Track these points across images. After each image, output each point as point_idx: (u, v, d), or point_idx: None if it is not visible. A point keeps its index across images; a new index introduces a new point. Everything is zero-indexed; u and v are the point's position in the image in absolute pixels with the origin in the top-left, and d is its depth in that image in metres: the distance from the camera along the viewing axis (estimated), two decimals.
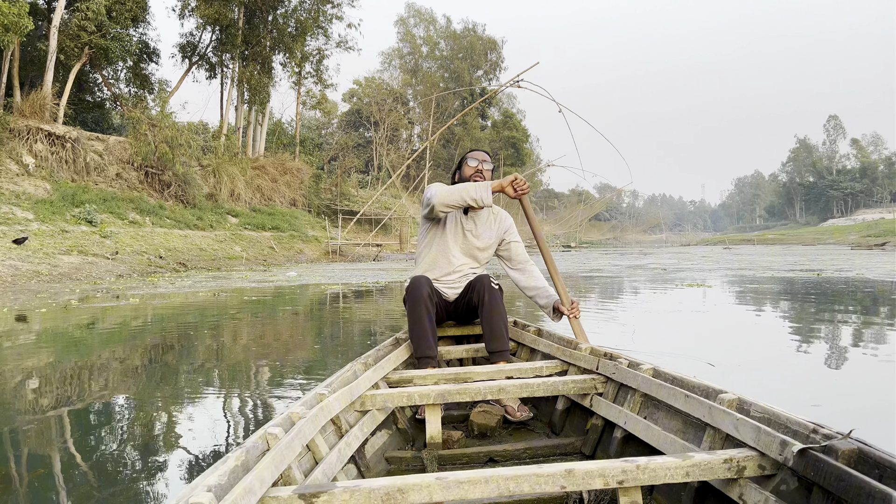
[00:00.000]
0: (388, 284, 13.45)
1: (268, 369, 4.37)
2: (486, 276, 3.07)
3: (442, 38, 67.69)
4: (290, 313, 8.04)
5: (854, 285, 10.64)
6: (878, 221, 73.08)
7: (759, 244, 63.49)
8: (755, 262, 21.40)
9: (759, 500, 1.48)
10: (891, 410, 3.07)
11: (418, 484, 1.46)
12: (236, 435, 2.89)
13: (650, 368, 2.19)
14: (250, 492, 1.35)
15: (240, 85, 33.85)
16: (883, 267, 15.98)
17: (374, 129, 56.31)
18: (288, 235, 29.44)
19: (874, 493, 1.19)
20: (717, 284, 11.70)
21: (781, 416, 1.57)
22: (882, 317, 6.53)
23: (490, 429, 2.62)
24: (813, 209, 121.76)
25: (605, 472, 1.52)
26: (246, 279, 15.02)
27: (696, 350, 4.78)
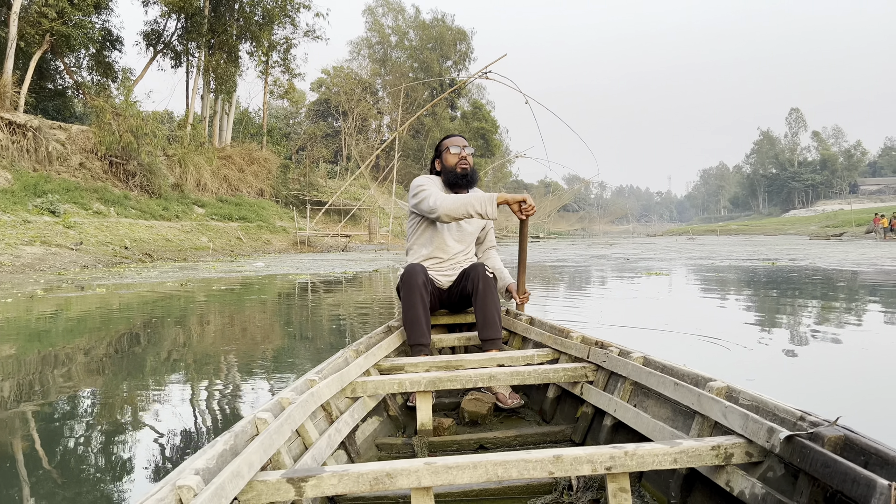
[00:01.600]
0: (356, 274, 13.58)
1: (240, 358, 4.51)
2: (481, 265, 3.09)
3: (411, 28, 67.47)
4: (259, 303, 8.16)
5: (804, 273, 11.08)
6: (837, 212, 74.93)
7: (723, 234, 64.77)
8: (716, 251, 21.95)
9: (745, 486, 1.50)
10: (802, 376, 3.34)
11: (407, 469, 1.46)
12: (205, 422, 3.03)
13: (640, 357, 2.21)
14: (238, 475, 1.35)
15: (206, 74, 33.50)
16: (835, 256, 16.57)
17: (343, 118, 56.04)
18: (255, 226, 29.33)
19: (859, 480, 1.20)
20: (675, 273, 12.07)
21: (769, 404, 1.59)
22: (818, 299, 6.89)
23: (481, 416, 2.64)
24: (775, 200, 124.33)
25: (593, 458, 1.53)
26: (213, 269, 15.02)
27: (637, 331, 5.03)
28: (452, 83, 59.79)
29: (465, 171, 3.22)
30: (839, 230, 47.59)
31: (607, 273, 12.65)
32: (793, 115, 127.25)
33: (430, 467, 1.47)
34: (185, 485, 1.21)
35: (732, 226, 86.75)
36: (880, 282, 9.39)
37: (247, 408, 3.13)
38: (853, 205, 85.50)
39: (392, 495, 1.87)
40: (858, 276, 10.45)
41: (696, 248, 26.70)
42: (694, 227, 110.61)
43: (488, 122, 69.02)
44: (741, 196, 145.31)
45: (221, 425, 2.88)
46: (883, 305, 6.57)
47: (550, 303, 7.35)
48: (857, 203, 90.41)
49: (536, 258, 19.36)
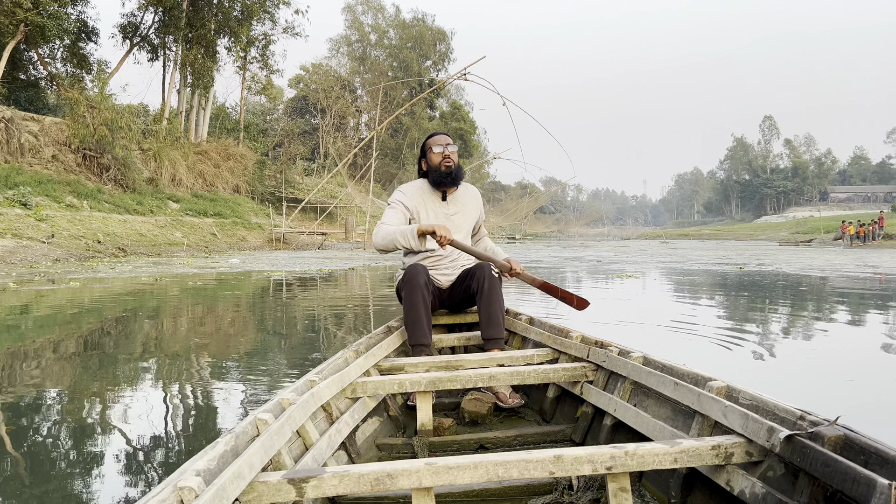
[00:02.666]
0: (332, 272, 13.64)
1: (221, 355, 4.57)
2: (487, 265, 3.07)
3: (391, 27, 67.41)
4: (235, 299, 8.21)
5: (769, 278, 11.38)
6: (808, 219, 76.28)
7: (695, 239, 65.73)
8: (687, 255, 22.33)
9: (745, 486, 1.50)
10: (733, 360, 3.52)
11: (408, 469, 1.46)
12: (182, 421, 3.11)
13: (640, 356, 2.21)
14: (239, 476, 1.35)
15: (183, 68, 33.24)
16: (801, 262, 16.98)
17: (321, 116, 55.85)
18: (230, 222, 29.18)
19: (859, 479, 1.20)
20: (644, 275, 12.32)
21: (769, 404, 1.59)
22: (778, 302, 7.13)
23: (481, 416, 2.64)
24: (748, 206, 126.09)
25: (593, 458, 1.53)
26: (187, 265, 14.98)
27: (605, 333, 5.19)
28: (432, 83, 59.89)
29: (450, 168, 3.21)
30: (808, 237, 48.58)
31: (581, 275, 12.86)
32: (766, 122, 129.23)
33: (430, 468, 1.47)
34: (187, 486, 1.21)
35: (705, 230, 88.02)
36: (838, 286, 9.70)
37: (224, 405, 3.22)
38: (822, 212, 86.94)
39: (393, 496, 1.87)
40: (820, 280, 10.77)
41: (669, 251, 27.11)
42: (668, 231, 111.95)
43: (467, 123, 69.22)
44: (714, 201, 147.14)
45: (195, 423, 2.96)
46: (836, 307, 6.83)
47: (525, 300, 7.51)
48: (826, 210, 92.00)
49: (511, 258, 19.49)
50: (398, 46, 66.45)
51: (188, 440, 2.59)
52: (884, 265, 15.85)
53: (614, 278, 11.54)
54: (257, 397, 3.24)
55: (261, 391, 3.37)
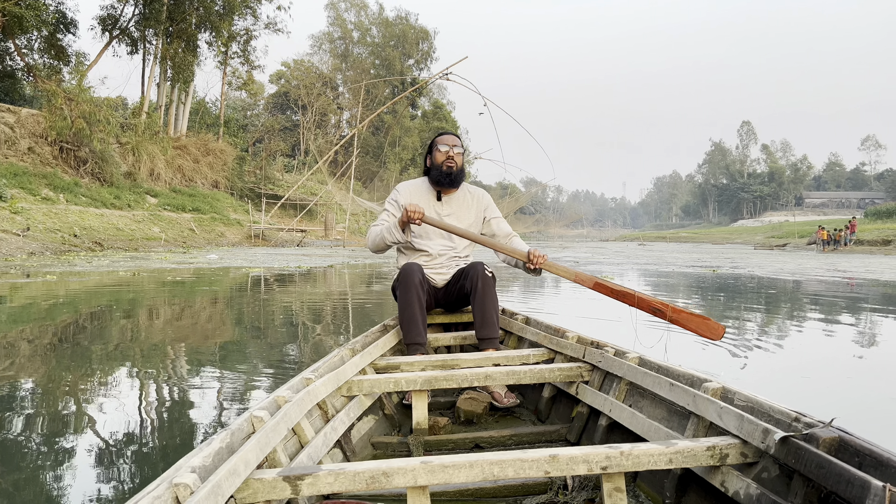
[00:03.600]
0: (310, 269, 13.68)
1: (198, 354, 4.64)
2: (480, 264, 3.04)
3: (374, 25, 67.36)
4: (214, 295, 8.24)
5: (740, 281, 11.63)
6: (783, 223, 77.51)
7: (673, 241, 66.47)
8: (663, 258, 22.64)
9: (740, 487, 1.50)
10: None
11: (403, 467, 1.46)
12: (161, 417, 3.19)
13: (636, 357, 2.21)
14: (234, 473, 1.35)
15: (163, 62, 33.00)
16: (773, 266, 17.31)
17: (302, 112, 55.71)
18: (209, 218, 29.03)
19: (853, 481, 1.20)
20: (619, 276, 12.51)
21: (764, 405, 1.59)
22: (747, 303, 7.33)
23: (476, 415, 2.63)
24: (725, 210, 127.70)
25: (588, 458, 1.53)
26: (165, 260, 14.93)
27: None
28: (414, 82, 59.93)
29: (451, 169, 3.14)
30: (783, 241, 49.31)
31: (557, 277, 13.01)
32: (744, 127, 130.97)
33: (426, 466, 1.47)
34: (182, 482, 1.21)
35: (683, 233, 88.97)
36: (805, 290, 9.95)
37: (200, 403, 3.29)
38: (797, 217, 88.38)
39: (388, 494, 1.87)
40: (789, 284, 11.03)
41: (646, 253, 27.47)
42: (646, 233, 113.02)
43: (448, 123, 69.32)
44: (692, 205, 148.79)
45: (172, 420, 3.03)
46: (802, 309, 7.04)
47: (506, 297, 7.63)
48: (801, 215, 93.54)
49: (490, 259, 19.65)
50: (381, 44, 66.41)
51: (172, 438, 2.65)
52: (852, 269, 16.22)
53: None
54: (235, 394, 3.32)
55: (240, 388, 3.45)
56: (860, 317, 6.71)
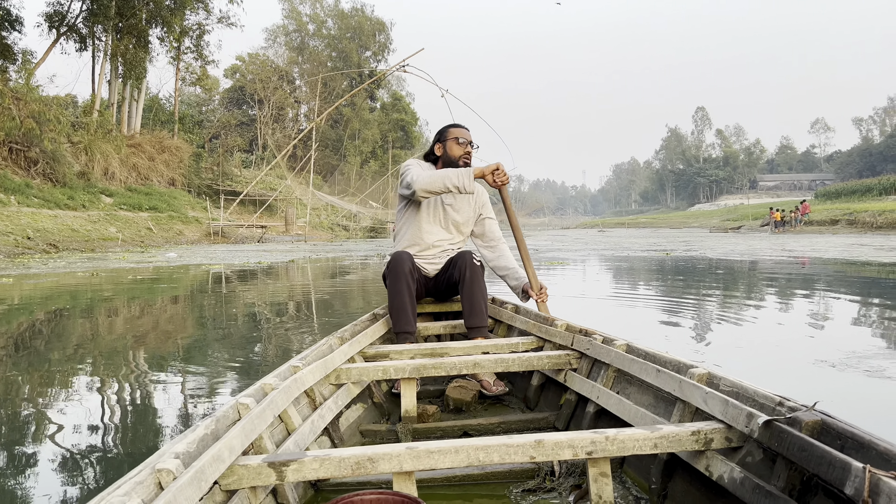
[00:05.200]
0: (272, 265, 13.70)
1: (158, 351, 4.73)
2: (469, 252, 3.05)
3: (329, 17, 66.80)
4: (177, 292, 8.27)
5: (690, 262, 12.05)
6: (738, 207, 79.23)
7: (632, 227, 67.63)
8: (620, 243, 23.13)
9: (724, 471, 1.51)
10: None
11: (388, 453, 1.47)
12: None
13: (623, 344, 2.22)
14: (219, 459, 1.34)
15: (113, 59, 32.34)
16: (725, 248, 17.88)
17: (259, 107, 55.08)
18: (167, 216, 28.66)
19: (835, 463, 1.21)
20: (575, 262, 12.84)
21: (749, 390, 1.60)
22: (690, 281, 7.66)
23: (465, 403, 2.64)
24: (682, 195, 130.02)
25: (574, 443, 1.54)
26: (124, 260, 14.79)
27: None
28: (372, 74, 59.68)
29: (468, 164, 3.15)
30: (738, 223, 50.59)
31: None
32: (699, 113, 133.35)
33: (411, 452, 1.47)
34: (165, 468, 1.20)
35: (642, 219, 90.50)
36: (751, 269, 10.37)
37: (164, 398, 3.41)
38: (752, 200, 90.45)
39: (375, 480, 1.87)
40: (736, 264, 11.47)
41: (604, 239, 27.99)
42: (605, 220, 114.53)
43: (408, 114, 69.24)
44: (651, 190, 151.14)
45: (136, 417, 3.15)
46: (744, 286, 7.39)
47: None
48: (755, 198, 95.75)
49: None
50: (337, 37, 65.92)
51: (136, 439, 2.76)
52: (799, 249, 16.84)
53: (547, 265, 12.01)
54: (201, 391, 3.44)
55: (207, 383, 3.57)
56: (799, 291, 7.08)
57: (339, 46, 65.40)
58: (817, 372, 3.29)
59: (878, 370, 3.27)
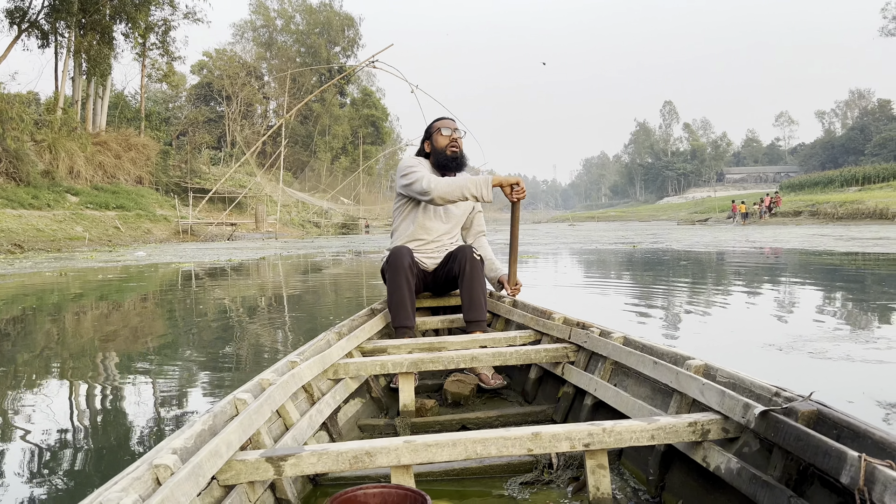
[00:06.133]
0: (242, 262, 13.70)
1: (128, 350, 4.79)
2: (469, 247, 3.04)
3: (297, 12, 66.29)
4: (151, 289, 8.28)
5: (656, 254, 12.33)
6: (705, 199, 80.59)
7: (602, 221, 68.35)
8: (589, 236, 23.46)
9: (721, 461, 1.51)
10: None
11: (386, 447, 1.46)
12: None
13: (620, 336, 2.23)
14: (216, 454, 1.34)
15: (77, 55, 31.78)
16: (691, 239, 18.27)
17: (227, 103, 54.48)
18: (134, 215, 28.32)
19: (831, 452, 1.22)
20: (546, 255, 13.06)
21: (746, 381, 1.61)
22: (653, 271, 7.90)
23: (464, 397, 2.64)
24: (651, 188, 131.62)
25: (571, 435, 1.54)
26: (92, 259, 14.66)
27: None
28: (341, 70, 59.41)
29: (456, 153, 3.16)
30: (705, 216, 51.49)
31: None
32: (666, 107, 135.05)
33: (409, 445, 1.47)
34: (163, 464, 1.20)
35: (611, 212, 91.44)
36: (712, 260, 10.67)
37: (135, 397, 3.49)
38: (718, 192, 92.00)
39: (373, 474, 1.86)
40: (700, 255, 11.77)
41: (574, 233, 28.33)
42: (576, 214, 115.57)
43: (378, 110, 69.06)
44: (620, 184, 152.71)
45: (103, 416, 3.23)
46: (704, 275, 7.64)
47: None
48: (722, 191, 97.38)
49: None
50: (305, 32, 65.47)
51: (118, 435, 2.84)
52: (762, 240, 17.28)
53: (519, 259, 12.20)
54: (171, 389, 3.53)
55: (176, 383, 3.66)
56: (755, 279, 7.34)
57: (308, 42, 64.97)
58: (764, 355, 3.49)
59: (821, 352, 3.49)
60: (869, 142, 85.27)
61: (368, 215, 55.81)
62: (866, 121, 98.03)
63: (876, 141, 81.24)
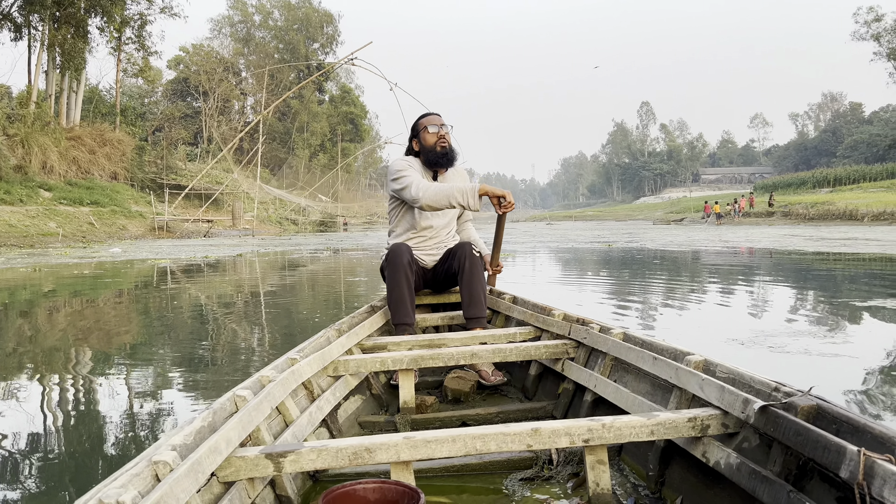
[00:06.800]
0: (219, 260, 13.66)
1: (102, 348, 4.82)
2: (468, 244, 3.04)
3: (276, 8, 65.89)
4: (128, 285, 8.26)
5: (630, 253, 12.52)
6: (681, 199, 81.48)
7: (579, 220, 68.86)
8: (566, 235, 23.67)
9: (721, 457, 1.51)
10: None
11: (386, 443, 1.47)
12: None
13: (620, 333, 2.23)
14: (216, 451, 1.34)
15: (51, 49, 31.33)
16: (665, 239, 18.53)
17: (204, 99, 53.97)
18: (109, 211, 28.02)
19: (830, 447, 1.22)
20: (524, 254, 13.18)
21: (745, 376, 1.61)
22: (626, 269, 8.06)
23: (464, 394, 2.63)
24: (628, 188, 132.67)
25: (571, 430, 1.54)
26: (66, 255, 14.52)
27: None
28: (320, 66, 59.18)
29: (444, 149, 3.13)
30: (680, 216, 52.10)
31: None
32: (644, 108, 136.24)
33: (409, 441, 1.47)
34: (162, 460, 1.20)
35: (589, 212, 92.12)
36: (684, 259, 10.88)
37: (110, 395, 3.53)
38: (694, 193, 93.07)
39: (373, 471, 1.85)
40: (673, 254, 11.98)
41: (551, 232, 28.55)
42: (554, 213, 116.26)
43: (357, 107, 68.92)
44: (598, 184, 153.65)
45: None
46: (664, 273, 7.81)
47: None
48: (698, 191, 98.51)
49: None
50: (284, 28, 65.11)
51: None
52: (735, 239, 17.59)
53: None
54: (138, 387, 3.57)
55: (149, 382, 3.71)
56: (724, 277, 7.52)
57: (287, 38, 64.64)
58: (727, 349, 3.63)
59: (780, 346, 3.63)
60: (841, 144, 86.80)
61: (347, 213, 55.68)
62: (838, 123, 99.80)
63: (847, 143, 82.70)
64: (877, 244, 13.53)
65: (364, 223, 54.74)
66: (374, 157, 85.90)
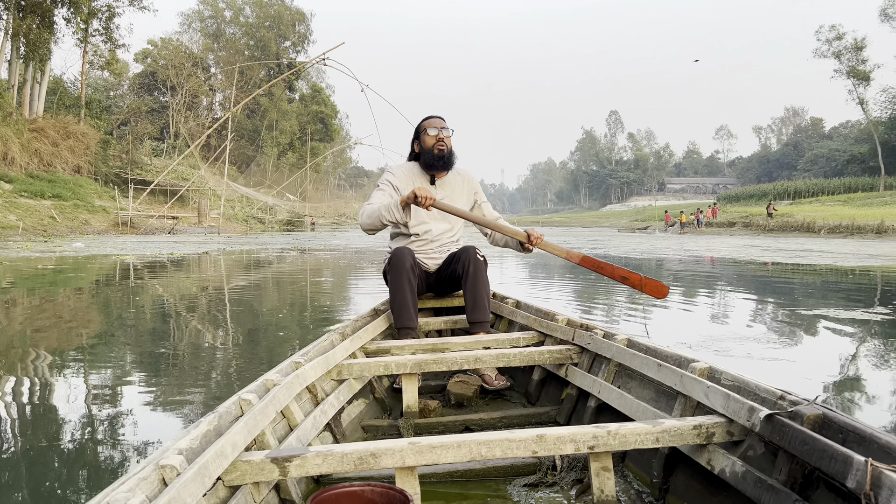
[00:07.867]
0: (184, 256, 13.59)
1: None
2: (472, 248, 3.03)
3: (247, 4, 65.32)
4: (88, 281, 8.22)
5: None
6: (647, 207, 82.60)
7: (546, 226, 69.33)
8: None
9: (726, 465, 1.50)
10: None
11: (391, 448, 1.46)
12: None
13: (624, 339, 2.22)
14: (222, 455, 1.34)
15: (15, 38, 30.72)
16: (628, 246, 18.90)
17: (171, 94, 53.30)
18: (72, 205, 27.56)
19: (837, 456, 1.21)
20: (490, 258, 13.36)
21: (751, 384, 1.60)
22: (575, 275, 8.28)
23: (467, 398, 2.64)
24: (595, 195, 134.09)
25: (576, 437, 1.54)
26: (27, 249, 14.30)
27: None
28: (291, 65, 58.83)
29: (442, 152, 3.12)
30: (645, 224, 52.92)
31: None
32: (612, 116, 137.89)
33: (414, 447, 1.47)
34: (169, 464, 1.20)
35: (556, 218, 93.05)
36: (641, 266, 11.16)
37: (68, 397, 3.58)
38: (659, 201, 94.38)
39: (378, 475, 1.84)
40: (634, 261, 12.28)
41: None
42: (522, 218, 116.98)
43: (328, 107, 68.62)
44: (566, 190, 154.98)
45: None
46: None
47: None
48: (663, 200, 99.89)
49: (364, 245, 20.02)
50: (255, 25, 64.58)
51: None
52: (696, 248, 18.02)
53: None
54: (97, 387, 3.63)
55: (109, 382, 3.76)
56: (680, 284, 7.78)
57: (258, 35, 64.13)
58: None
59: (725, 350, 3.84)
60: (801, 157, 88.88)
61: (315, 213, 55.42)
62: (799, 137, 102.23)
63: (808, 157, 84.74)
64: (829, 256, 14.02)
65: (332, 223, 54.51)
66: (343, 158, 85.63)
